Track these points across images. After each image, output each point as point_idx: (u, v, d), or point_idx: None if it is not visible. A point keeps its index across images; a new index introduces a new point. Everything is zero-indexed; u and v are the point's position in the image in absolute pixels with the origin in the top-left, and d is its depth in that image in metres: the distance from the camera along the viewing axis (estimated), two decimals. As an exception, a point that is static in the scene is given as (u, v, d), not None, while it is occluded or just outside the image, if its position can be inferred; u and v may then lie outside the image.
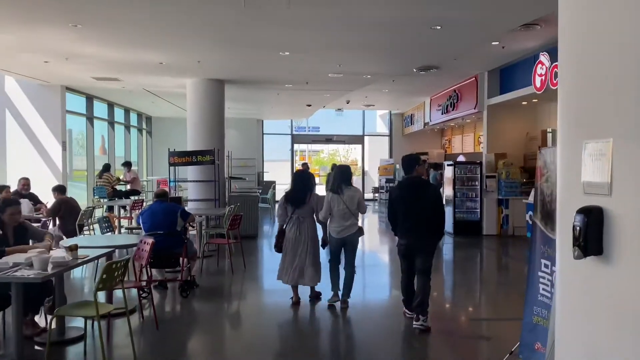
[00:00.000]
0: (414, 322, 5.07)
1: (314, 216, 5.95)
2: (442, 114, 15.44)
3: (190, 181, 11.18)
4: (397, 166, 21.46)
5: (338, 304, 5.88)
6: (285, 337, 5.33)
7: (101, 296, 4.94)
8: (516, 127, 12.61)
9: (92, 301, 3.88)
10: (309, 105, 16.72)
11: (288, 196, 5.99)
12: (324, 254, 6.11)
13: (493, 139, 12.52)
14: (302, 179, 6.19)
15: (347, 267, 5.89)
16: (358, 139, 22.42)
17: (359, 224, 6.01)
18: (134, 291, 5.71)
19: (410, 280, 5.28)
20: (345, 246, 5.85)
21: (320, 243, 6.02)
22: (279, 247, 6.01)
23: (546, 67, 9.49)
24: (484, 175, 11.83)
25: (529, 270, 4.07)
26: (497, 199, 11.82)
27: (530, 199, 10.83)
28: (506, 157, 12.19)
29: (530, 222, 10.44)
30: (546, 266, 3.84)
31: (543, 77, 9.61)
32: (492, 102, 12.38)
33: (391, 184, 20.19)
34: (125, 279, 4.51)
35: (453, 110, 14.48)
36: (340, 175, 5.91)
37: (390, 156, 22.13)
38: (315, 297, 6.12)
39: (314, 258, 5.89)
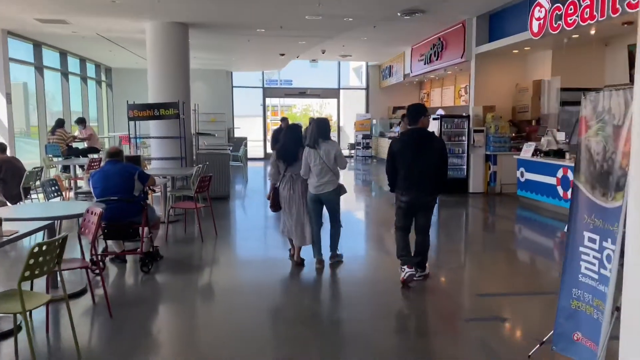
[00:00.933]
0: (415, 275, 5.01)
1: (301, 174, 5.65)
2: (425, 64, 14.52)
3: (154, 137, 10.09)
4: (374, 121, 20.64)
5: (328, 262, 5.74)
6: (269, 320, 4.51)
7: (41, 281, 4.04)
8: (505, 78, 11.83)
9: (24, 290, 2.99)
10: (282, 55, 15.54)
11: (279, 153, 5.67)
12: (325, 214, 5.80)
13: (481, 91, 11.72)
14: (293, 134, 5.77)
15: (332, 225, 5.71)
16: (333, 93, 21.36)
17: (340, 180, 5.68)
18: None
19: (407, 235, 5.08)
20: (325, 204, 5.60)
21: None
22: (274, 206, 5.80)
23: (545, 10, 8.62)
24: (471, 130, 11.09)
25: (567, 245, 3.32)
26: (484, 155, 11.14)
27: (522, 154, 10.22)
28: (494, 110, 11.45)
29: (521, 177, 9.85)
30: (592, 240, 3.09)
31: (542, 22, 8.74)
32: (481, 51, 11.51)
33: (392, 136, 19.38)
34: (70, 256, 3.61)
35: (437, 60, 13.57)
36: (317, 129, 5.52)
37: (367, 111, 21.24)
38: (300, 263, 5.83)
39: (308, 215, 5.66)
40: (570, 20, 8.00)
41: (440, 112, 18.91)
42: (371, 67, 20.88)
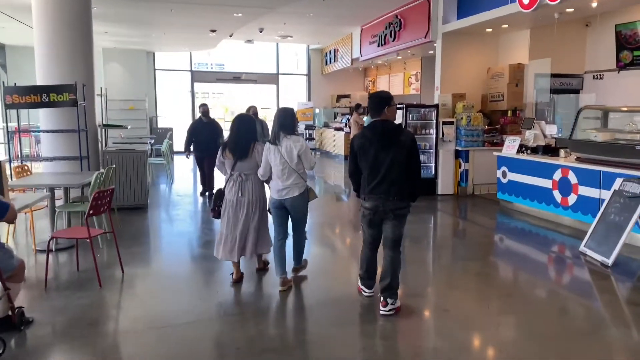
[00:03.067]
0: (381, 309, 4.10)
1: (258, 172, 4.81)
2: (379, 46, 12.77)
3: (41, 131, 7.67)
4: (317, 110, 18.82)
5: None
6: None
7: None
8: (475, 62, 10.30)
9: None
10: (213, 32, 13.26)
11: (227, 145, 4.85)
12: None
13: (448, 76, 10.14)
14: (243, 124, 4.87)
15: (295, 235, 4.91)
16: (272, 78, 19.26)
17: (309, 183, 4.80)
18: None
19: (374, 252, 4.35)
20: (290, 212, 4.73)
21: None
22: (216, 212, 4.96)
23: (541, -25, 7.04)
24: (440, 122, 9.47)
25: None
26: (454, 151, 9.58)
27: (505, 151, 8.71)
28: (465, 98, 9.90)
29: (503, 178, 8.32)
30: None
31: (536, -11, 7.17)
32: (449, 29, 9.90)
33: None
34: None
35: (394, 40, 11.85)
36: (278, 120, 4.66)
37: (309, 99, 19.34)
38: (263, 268, 5.19)
39: (259, 223, 4.86)
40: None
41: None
42: (313, 50, 18.97)
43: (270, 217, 4.90)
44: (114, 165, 6.91)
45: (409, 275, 5.05)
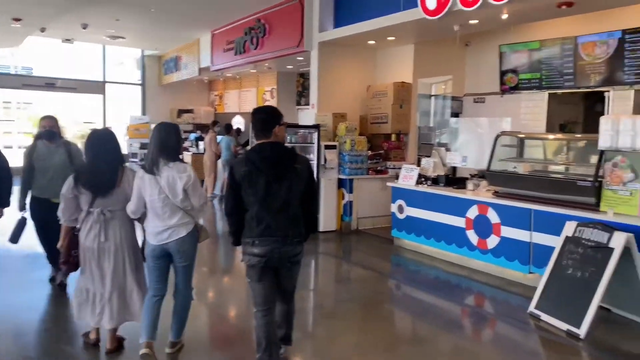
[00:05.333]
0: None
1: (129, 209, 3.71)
2: (237, 54, 10.92)
3: None
4: (154, 126, 16.16)
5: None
6: None
7: None
8: (356, 78, 9.09)
9: None
10: (18, 21, 10.09)
11: (82, 175, 3.69)
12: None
13: (326, 92, 8.76)
14: (103, 143, 3.70)
15: (178, 293, 3.72)
16: (96, 87, 16.07)
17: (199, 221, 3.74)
18: None
19: (271, 316, 3.41)
20: (173, 260, 3.63)
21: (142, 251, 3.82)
22: (69, 264, 3.80)
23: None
24: (322, 146, 7.98)
25: None
26: (337, 179, 8.16)
27: (401, 181, 7.45)
28: (346, 119, 8.57)
29: (400, 213, 7.01)
30: None
31: (446, -6, 6.09)
32: (326, 39, 8.53)
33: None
34: None
35: (257, 48, 10.13)
36: (157, 141, 3.53)
37: (144, 112, 16.58)
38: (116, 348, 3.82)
39: (135, 275, 3.77)
40: (502, -9, 5.46)
41: (238, 119, 15.75)
42: (149, 57, 16.34)
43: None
44: None
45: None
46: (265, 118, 3.39)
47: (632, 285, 4.34)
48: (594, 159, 5.17)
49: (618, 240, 4.22)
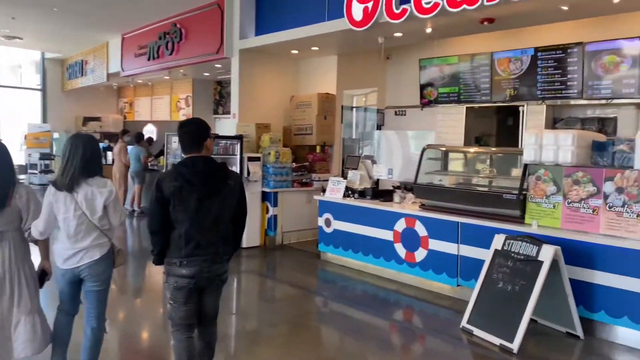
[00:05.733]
0: None
1: (23, 229, 3.27)
2: (150, 59, 10.29)
3: None
4: (56, 135, 14.90)
5: None
6: None
7: None
8: (279, 87, 8.84)
9: None
10: None
11: None
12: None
13: (248, 102, 8.44)
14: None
15: (88, 324, 3.35)
16: (-13, 92, 14.59)
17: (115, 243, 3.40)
18: None
19: (191, 336, 3.23)
20: (86, 285, 3.31)
21: (38, 276, 3.40)
22: None
23: (379, -11, 5.98)
24: (245, 158, 7.63)
25: None
26: (261, 193, 7.84)
27: (328, 194, 7.25)
28: (270, 129, 8.29)
29: (327, 227, 6.82)
30: None
31: (372, 3, 6.04)
32: (248, 46, 8.24)
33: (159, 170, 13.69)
34: None
35: (172, 54, 9.60)
36: (75, 154, 3.21)
37: (44, 120, 15.30)
38: None
39: (28, 304, 3.25)
40: (428, 4, 5.47)
41: (150, 127, 14.93)
42: (50, 60, 15.09)
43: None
44: None
45: None
46: (196, 130, 3.24)
47: (558, 296, 4.42)
48: (517, 172, 5.28)
49: (546, 253, 4.28)
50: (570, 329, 4.48)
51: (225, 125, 11.64)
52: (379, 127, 9.00)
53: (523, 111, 7.55)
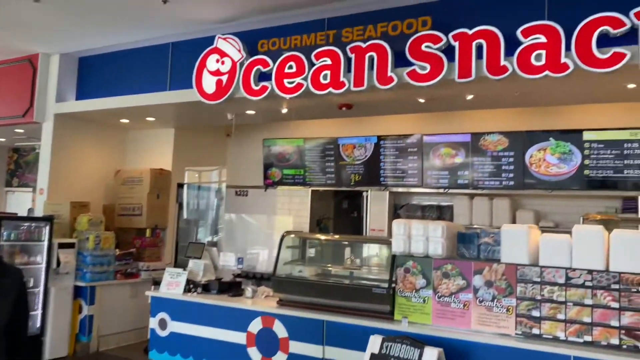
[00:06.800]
0: None
1: None
2: None
3: None
4: None
5: None
6: None
7: None
8: (100, 159, 7.57)
9: None
10: None
11: None
12: None
13: (62, 176, 7.00)
14: None
15: None
16: None
17: None
18: None
19: None
20: None
21: None
22: None
23: (234, 62, 5.56)
24: (55, 244, 6.15)
25: None
26: (73, 288, 6.34)
27: (165, 288, 6.09)
28: (89, 209, 6.93)
29: (161, 329, 5.63)
30: None
31: (227, 76, 5.53)
32: (67, 111, 6.98)
33: None
34: None
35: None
36: None
37: None
38: None
39: None
40: (291, 83, 5.14)
41: None
42: None
43: None
44: None
45: None
46: None
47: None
48: (381, 262, 5.01)
49: (430, 357, 3.93)
50: None
51: (23, 201, 9.68)
52: (217, 208, 8.25)
53: (366, 196, 7.57)
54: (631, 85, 4.48)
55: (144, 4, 5.33)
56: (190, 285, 5.82)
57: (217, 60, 5.55)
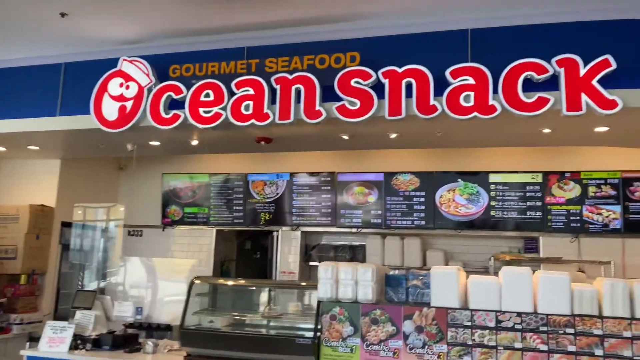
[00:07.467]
0: None
1: None
2: None
3: None
4: None
5: None
6: None
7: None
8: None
9: None
10: None
11: None
12: None
13: None
14: None
15: None
16: None
17: None
18: None
19: None
20: None
21: None
22: None
23: (140, 86, 5.05)
24: None
25: None
26: None
27: (44, 347, 5.12)
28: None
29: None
30: None
31: (132, 102, 4.98)
32: None
33: None
34: None
35: None
36: None
37: None
38: None
39: None
40: (207, 113, 4.72)
41: None
42: None
43: None
44: None
45: None
46: None
47: None
48: (307, 310, 4.65)
49: (366, 414, 3.60)
50: None
51: None
52: (105, 250, 7.35)
53: (277, 236, 7.20)
54: (546, 130, 4.67)
55: (37, 17, 4.64)
56: (78, 341, 4.96)
57: (121, 85, 4.96)
